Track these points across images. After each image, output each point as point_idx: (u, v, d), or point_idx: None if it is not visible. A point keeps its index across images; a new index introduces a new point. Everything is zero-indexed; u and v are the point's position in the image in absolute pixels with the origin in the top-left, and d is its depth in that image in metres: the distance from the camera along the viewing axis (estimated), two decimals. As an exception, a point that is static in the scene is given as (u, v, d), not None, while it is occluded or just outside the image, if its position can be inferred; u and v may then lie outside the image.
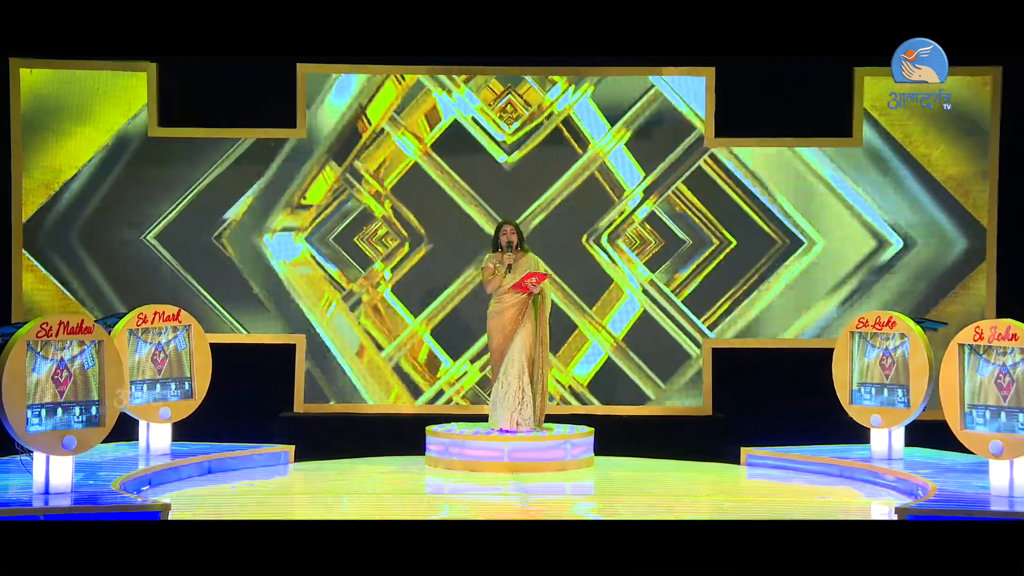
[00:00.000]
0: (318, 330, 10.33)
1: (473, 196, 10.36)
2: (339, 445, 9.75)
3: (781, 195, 10.35)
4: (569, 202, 10.38)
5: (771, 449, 9.22)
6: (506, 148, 10.38)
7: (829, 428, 9.50)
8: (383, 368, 10.34)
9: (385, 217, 10.34)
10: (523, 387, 9.00)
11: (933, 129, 10.23)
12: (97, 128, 10.22)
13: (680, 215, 10.34)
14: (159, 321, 8.80)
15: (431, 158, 10.37)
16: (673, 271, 10.37)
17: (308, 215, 10.34)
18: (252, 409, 9.91)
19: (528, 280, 8.98)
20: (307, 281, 10.35)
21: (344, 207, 10.35)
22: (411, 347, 10.32)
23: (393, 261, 10.37)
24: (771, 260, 10.35)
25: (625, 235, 10.37)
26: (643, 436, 9.90)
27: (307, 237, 10.33)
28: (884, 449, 8.81)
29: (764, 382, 10.19)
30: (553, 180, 10.39)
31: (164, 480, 8.25)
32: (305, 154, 10.35)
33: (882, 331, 8.85)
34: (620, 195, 10.36)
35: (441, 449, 8.97)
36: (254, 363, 10.16)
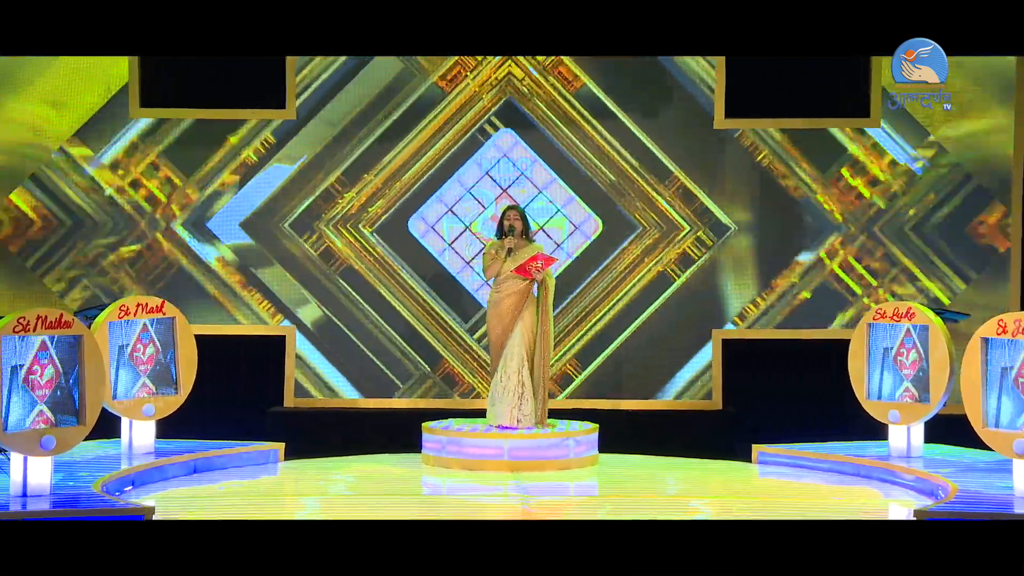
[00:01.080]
0: (309, 319, 10.33)
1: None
2: (331, 441, 9.75)
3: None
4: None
5: (784, 446, 9.19)
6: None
7: (845, 423, 9.50)
8: (380, 360, 10.36)
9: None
10: (523, 381, 8.96)
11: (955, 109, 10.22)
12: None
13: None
14: (142, 313, 8.75)
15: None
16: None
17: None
18: (240, 404, 9.90)
19: (532, 263, 8.92)
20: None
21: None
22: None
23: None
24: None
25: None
26: (650, 432, 9.88)
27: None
28: (902, 446, 8.78)
29: (777, 375, 10.18)
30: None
31: (148, 480, 8.22)
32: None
33: (901, 322, 8.81)
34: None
35: (438, 447, 8.94)
36: (242, 355, 10.15)
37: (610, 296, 10.43)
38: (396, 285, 10.46)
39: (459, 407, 10.12)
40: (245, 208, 10.37)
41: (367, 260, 10.44)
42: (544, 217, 10.45)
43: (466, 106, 10.45)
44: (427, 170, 10.47)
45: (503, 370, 8.98)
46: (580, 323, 10.42)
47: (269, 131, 10.37)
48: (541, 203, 10.48)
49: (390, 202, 10.44)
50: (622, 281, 10.45)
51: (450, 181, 10.46)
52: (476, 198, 10.49)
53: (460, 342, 10.42)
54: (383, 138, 10.43)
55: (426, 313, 10.43)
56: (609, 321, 10.41)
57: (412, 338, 10.41)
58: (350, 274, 10.44)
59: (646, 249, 10.44)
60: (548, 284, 9.05)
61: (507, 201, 10.19)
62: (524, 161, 10.51)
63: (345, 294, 10.41)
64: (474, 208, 10.46)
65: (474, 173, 10.49)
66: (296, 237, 10.40)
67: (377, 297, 10.44)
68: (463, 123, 10.46)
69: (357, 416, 10.18)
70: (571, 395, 10.32)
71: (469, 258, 10.40)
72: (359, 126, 10.43)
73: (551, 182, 10.48)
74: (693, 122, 10.44)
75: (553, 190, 10.48)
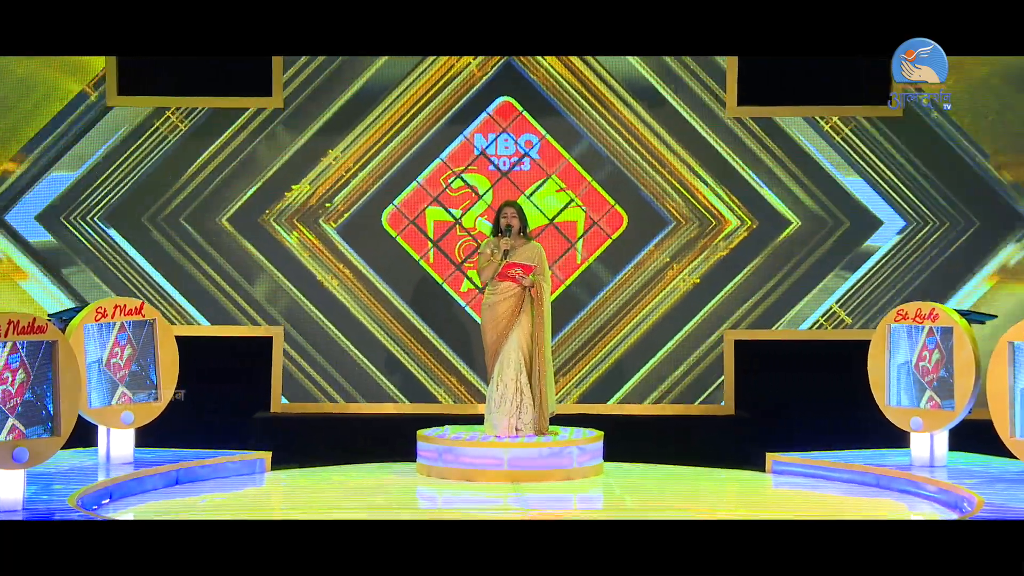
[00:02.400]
0: (297, 321, 10.30)
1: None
2: (321, 449, 9.73)
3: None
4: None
5: (799, 455, 9.17)
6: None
7: (865, 430, 9.47)
8: (371, 363, 10.33)
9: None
10: (521, 388, 8.93)
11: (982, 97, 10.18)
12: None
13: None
14: (120, 315, 8.72)
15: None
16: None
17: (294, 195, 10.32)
18: (225, 410, 9.88)
19: (512, 270, 8.89)
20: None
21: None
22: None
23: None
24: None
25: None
26: (658, 439, 9.86)
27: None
28: (925, 455, 8.75)
29: (792, 378, 10.17)
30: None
31: (126, 492, 8.19)
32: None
33: (923, 324, 8.78)
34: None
35: (433, 456, 8.92)
36: (226, 359, 10.12)
37: (639, 301, 10.35)
38: (365, 295, 10.29)
39: (456, 412, 10.10)
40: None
41: (330, 264, 10.29)
42: (554, 209, 10.27)
43: (453, 73, 10.32)
44: (404, 150, 10.26)
45: (499, 377, 8.95)
46: (591, 325, 10.39)
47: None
48: (550, 191, 10.31)
49: (357, 192, 10.30)
50: (651, 285, 10.33)
51: (433, 166, 10.29)
52: (469, 185, 10.34)
53: (448, 368, 10.30)
54: (346, 114, 10.30)
55: (406, 334, 10.31)
56: (646, 328, 10.36)
57: (388, 368, 10.33)
58: (303, 280, 10.28)
59: (682, 246, 10.33)
60: (541, 286, 9.00)
61: (509, 185, 10.09)
62: (529, 139, 10.34)
63: (299, 305, 10.30)
64: (465, 198, 10.31)
65: (464, 154, 10.31)
66: (235, 233, 10.31)
67: (340, 310, 10.29)
68: (449, 92, 10.28)
69: (348, 421, 10.15)
70: (575, 400, 10.29)
71: (461, 261, 10.26)
72: (318, 103, 10.29)
73: (563, 166, 10.31)
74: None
75: (568, 175, 10.30)
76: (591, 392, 10.31)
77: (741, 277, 10.39)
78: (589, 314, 10.36)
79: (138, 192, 10.29)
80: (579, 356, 10.35)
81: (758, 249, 10.39)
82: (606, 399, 10.30)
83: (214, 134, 10.30)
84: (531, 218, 10.03)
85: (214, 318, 10.28)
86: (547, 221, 10.27)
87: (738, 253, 10.39)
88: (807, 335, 10.27)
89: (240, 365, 10.22)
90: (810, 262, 10.39)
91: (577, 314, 10.37)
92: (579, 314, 10.35)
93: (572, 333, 10.37)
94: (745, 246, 10.39)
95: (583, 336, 10.37)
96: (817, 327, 10.34)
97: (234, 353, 10.21)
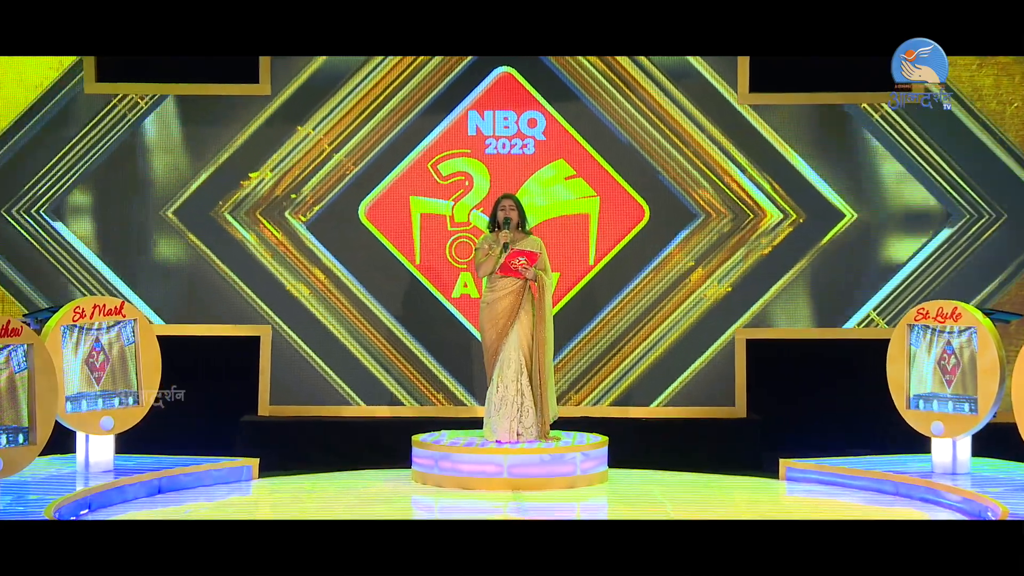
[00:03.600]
0: (286, 320, 10.26)
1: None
2: (311, 454, 9.74)
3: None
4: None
5: (815, 461, 9.16)
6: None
7: (884, 434, 9.47)
8: (364, 364, 10.29)
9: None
10: (522, 390, 8.91)
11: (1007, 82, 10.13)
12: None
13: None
14: (99, 315, 8.69)
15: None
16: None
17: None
18: (209, 414, 9.85)
19: (514, 261, 8.84)
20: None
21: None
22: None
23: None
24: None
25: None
26: (666, 444, 9.84)
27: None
28: (947, 462, 8.73)
29: (807, 379, 10.14)
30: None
31: (106, 503, 8.17)
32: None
33: (945, 324, 8.75)
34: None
35: (430, 463, 8.90)
36: (211, 360, 10.09)
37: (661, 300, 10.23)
38: (341, 300, 10.13)
39: (454, 416, 10.06)
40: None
41: (299, 265, 10.13)
42: (559, 198, 10.06)
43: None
44: (386, 130, 10.06)
45: (499, 379, 8.92)
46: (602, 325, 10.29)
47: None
48: (558, 179, 10.13)
49: (330, 180, 10.11)
50: (674, 292, 10.17)
51: (419, 148, 10.09)
52: (463, 172, 10.19)
53: (436, 386, 10.19)
54: (316, 86, 10.11)
55: (387, 345, 10.16)
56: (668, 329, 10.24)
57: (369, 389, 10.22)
58: (263, 282, 10.13)
59: (712, 243, 10.15)
60: (544, 281, 8.96)
61: (508, 171, 9.92)
62: (533, 117, 10.06)
63: (252, 309, 10.17)
64: (457, 187, 10.13)
65: (456, 135, 10.06)
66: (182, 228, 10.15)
67: (308, 319, 10.16)
68: (439, 61, 10.01)
69: (340, 426, 10.11)
70: (578, 402, 10.26)
71: (458, 260, 10.09)
72: (285, 71, 10.10)
73: (573, 149, 10.03)
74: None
75: (578, 160, 10.08)
76: (594, 394, 10.26)
77: (784, 281, 10.20)
78: (601, 325, 10.17)
79: (87, 184, 10.15)
80: (583, 357, 10.28)
81: (804, 248, 10.20)
82: (610, 401, 10.25)
83: (166, 120, 10.14)
84: (536, 210, 9.99)
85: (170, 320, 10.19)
86: (555, 214, 10.13)
87: (780, 252, 10.19)
88: (823, 334, 10.22)
89: (226, 366, 10.17)
90: (859, 259, 10.22)
91: (586, 326, 10.17)
92: (588, 326, 10.16)
93: (582, 346, 10.22)
94: (789, 244, 10.19)
95: (593, 345, 10.22)
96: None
97: (219, 353, 10.16)
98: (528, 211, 9.42)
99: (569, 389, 10.15)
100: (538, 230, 9.68)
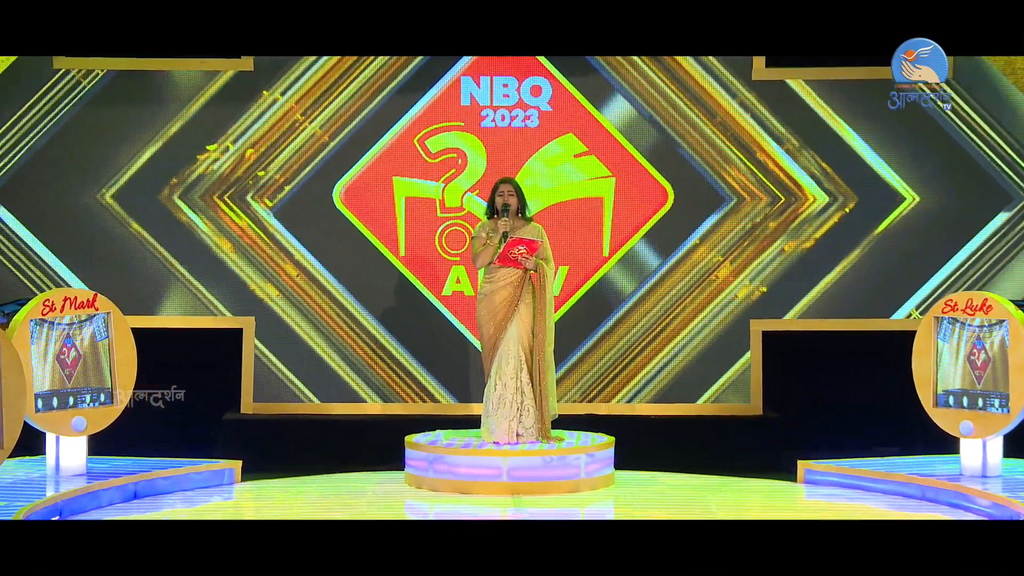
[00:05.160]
0: (271, 310, 10.21)
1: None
2: (297, 455, 9.72)
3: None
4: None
5: (835, 462, 9.14)
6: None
7: (910, 433, 9.45)
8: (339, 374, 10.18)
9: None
10: (522, 388, 8.88)
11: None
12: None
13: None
14: (70, 308, 8.67)
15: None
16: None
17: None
18: (189, 412, 9.82)
19: (514, 249, 8.78)
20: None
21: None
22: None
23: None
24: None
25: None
26: (677, 444, 9.81)
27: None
28: (977, 464, 8.70)
29: (827, 374, 10.10)
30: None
31: (78, 509, 8.14)
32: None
33: (975, 316, 8.72)
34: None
35: (424, 465, 8.87)
36: (191, 353, 10.06)
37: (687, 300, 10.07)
38: (314, 299, 9.98)
39: (450, 413, 10.03)
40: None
41: (263, 257, 9.95)
42: (568, 180, 9.86)
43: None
44: (365, 99, 9.78)
45: (497, 376, 8.89)
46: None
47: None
48: (566, 156, 9.90)
49: (301, 157, 9.87)
50: (700, 288, 10.01)
51: (404, 120, 9.84)
52: (455, 148, 9.97)
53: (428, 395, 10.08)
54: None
55: (372, 355, 10.00)
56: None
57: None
58: (219, 278, 9.94)
59: (745, 231, 9.91)
60: (545, 272, 8.90)
61: (508, 147, 9.67)
62: (537, 83, 9.77)
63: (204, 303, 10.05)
64: (448, 166, 9.87)
65: (447, 105, 9.76)
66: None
67: (273, 320, 9.99)
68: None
69: (328, 424, 10.08)
70: (580, 398, 10.21)
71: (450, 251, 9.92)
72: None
73: (584, 121, 9.74)
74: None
75: (590, 134, 9.81)
76: (599, 390, 10.20)
77: (831, 278, 10.10)
78: (616, 327, 10.04)
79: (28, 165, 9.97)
80: (594, 365, 10.13)
81: (855, 236, 10.06)
82: (617, 398, 10.19)
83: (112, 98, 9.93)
84: (541, 193, 9.84)
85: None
86: (562, 198, 9.98)
87: (826, 242, 10.06)
88: (844, 325, 10.16)
89: (206, 360, 10.14)
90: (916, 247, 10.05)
91: (598, 328, 10.04)
92: (600, 329, 10.03)
93: (592, 352, 10.10)
94: (838, 232, 10.07)
95: (606, 352, 10.08)
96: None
97: (199, 347, 10.13)
98: (532, 195, 9.34)
99: (583, 399, 10.03)
100: (544, 216, 9.60)
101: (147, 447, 9.21)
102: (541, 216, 9.59)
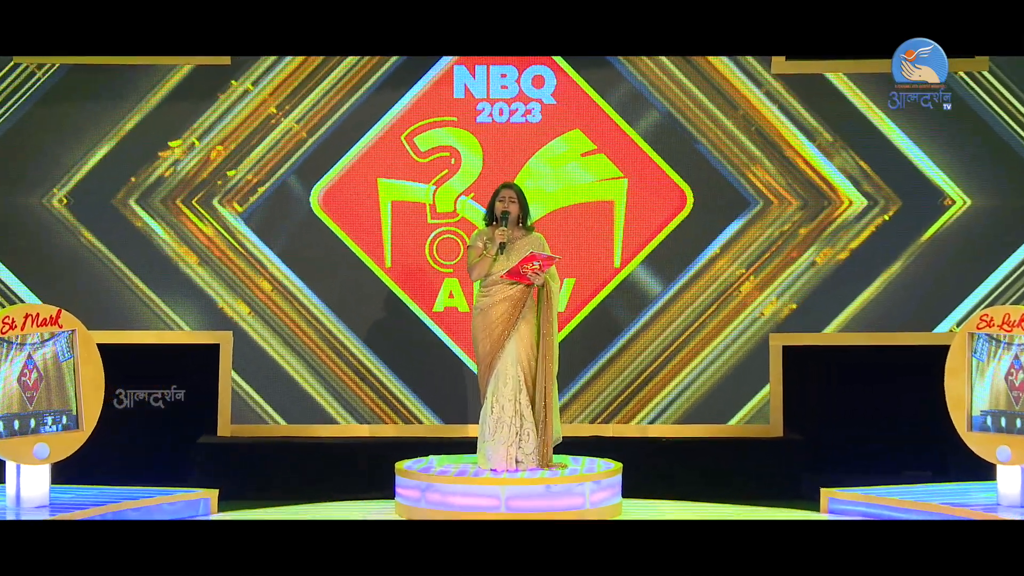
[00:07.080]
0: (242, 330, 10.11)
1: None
2: (279, 485, 9.66)
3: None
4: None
5: (860, 490, 9.11)
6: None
7: (943, 459, 9.43)
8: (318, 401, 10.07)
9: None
10: (520, 411, 8.83)
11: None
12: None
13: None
14: (32, 326, 8.62)
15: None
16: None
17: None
18: (161, 437, 9.80)
19: (526, 265, 8.72)
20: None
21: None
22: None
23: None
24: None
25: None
26: (689, 469, 9.75)
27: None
28: (1015, 493, 8.65)
29: (853, 392, 10.04)
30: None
31: (40, 544, 8.13)
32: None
33: (1012, 332, 8.68)
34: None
35: (415, 495, 8.81)
36: (163, 372, 10.01)
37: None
38: (288, 316, 9.79)
39: (444, 436, 9.96)
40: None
41: (232, 269, 9.78)
42: (575, 181, 9.73)
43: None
44: (346, 91, 9.62)
45: (494, 398, 8.84)
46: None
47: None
48: (572, 155, 9.75)
49: (274, 157, 9.69)
50: (722, 305, 9.86)
51: (390, 114, 9.67)
52: (447, 147, 9.76)
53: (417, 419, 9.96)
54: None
55: (353, 379, 9.83)
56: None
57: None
58: (181, 292, 9.77)
59: (771, 240, 9.75)
60: (551, 288, 8.85)
61: (507, 145, 9.62)
62: (540, 73, 9.62)
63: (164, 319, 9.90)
64: (439, 166, 9.70)
65: (438, 97, 9.61)
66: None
67: (241, 339, 9.84)
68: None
69: (310, 448, 10.00)
70: (585, 420, 10.16)
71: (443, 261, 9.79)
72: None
73: (593, 116, 9.63)
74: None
75: (600, 131, 9.66)
76: (608, 416, 10.11)
77: (872, 290, 9.98)
78: (627, 347, 9.91)
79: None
80: (604, 388, 10.02)
81: (899, 246, 9.93)
82: (626, 423, 10.10)
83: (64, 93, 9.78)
84: (545, 197, 9.76)
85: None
86: (568, 202, 9.85)
87: (867, 250, 9.95)
88: (871, 339, 10.08)
89: (179, 379, 10.09)
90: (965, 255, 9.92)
91: (608, 347, 9.91)
92: (610, 348, 9.90)
93: (602, 373, 9.99)
94: (878, 240, 9.96)
95: (617, 374, 9.95)
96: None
97: (171, 365, 10.08)
98: (534, 198, 9.25)
99: (591, 424, 9.96)
100: (547, 223, 9.52)
101: (116, 476, 9.18)
102: (544, 222, 9.53)
